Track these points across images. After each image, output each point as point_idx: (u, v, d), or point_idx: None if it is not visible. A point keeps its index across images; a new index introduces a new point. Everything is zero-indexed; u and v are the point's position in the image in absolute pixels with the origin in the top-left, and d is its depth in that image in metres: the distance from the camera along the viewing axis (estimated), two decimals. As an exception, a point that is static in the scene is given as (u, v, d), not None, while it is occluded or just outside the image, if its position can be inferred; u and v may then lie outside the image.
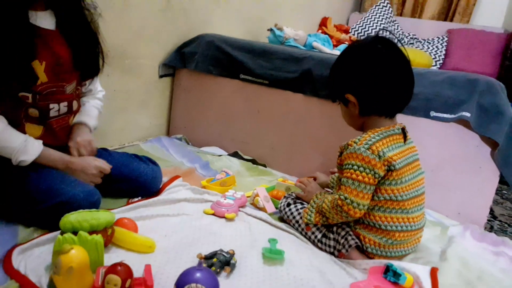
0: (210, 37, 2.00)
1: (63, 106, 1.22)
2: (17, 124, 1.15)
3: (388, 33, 2.24)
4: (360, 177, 1.09)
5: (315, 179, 1.45)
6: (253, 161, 1.92)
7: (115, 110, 1.79)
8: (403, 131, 1.18)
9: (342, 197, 1.11)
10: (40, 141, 1.16)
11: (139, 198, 1.35)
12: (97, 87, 1.43)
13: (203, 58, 1.96)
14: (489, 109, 1.47)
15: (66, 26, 1.18)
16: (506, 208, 2.08)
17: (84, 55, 1.23)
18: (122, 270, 0.80)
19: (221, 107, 2.01)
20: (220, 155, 1.91)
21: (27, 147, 1.11)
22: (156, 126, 2.09)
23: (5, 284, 0.87)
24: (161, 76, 2.01)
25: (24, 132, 1.16)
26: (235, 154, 1.95)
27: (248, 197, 1.47)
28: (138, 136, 1.97)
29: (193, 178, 1.62)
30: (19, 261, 0.93)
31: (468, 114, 1.47)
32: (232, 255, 1.04)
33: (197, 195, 1.42)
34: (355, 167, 1.10)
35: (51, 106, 1.19)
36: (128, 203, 1.29)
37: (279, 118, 1.88)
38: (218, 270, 0.99)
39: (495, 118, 1.46)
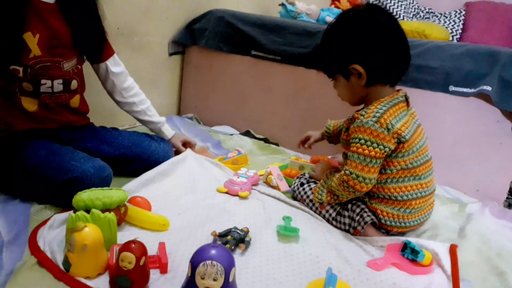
0: (220, 13, 1.95)
1: (58, 84, 1.18)
2: (13, 97, 1.13)
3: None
4: (366, 151, 1.06)
5: (308, 138, 1.45)
6: (265, 140, 1.89)
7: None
8: (406, 98, 1.15)
9: (347, 172, 1.09)
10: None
11: None
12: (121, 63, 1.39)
13: (213, 35, 1.92)
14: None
15: (66, 1, 1.15)
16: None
17: (84, 33, 1.19)
18: (136, 247, 0.78)
19: (232, 85, 1.97)
20: (231, 134, 1.89)
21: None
22: (167, 105, 2.07)
23: (22, 259, 0.87)
24: (171, 54, 1.97)
25: (20, 105, 1.15)
26: (247, 133, 1.93)
27: (261, 175, 1.45)
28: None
29: (206, 156, 1.60)
30: (39, 238, 0.93)
31: (489, 88, 1.42)
32: (246, 232, 1.03)
33: (213, 169, 1.42)
34: (362, 141, 1.07)
35: (43, 81, 1.15)
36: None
37: (292, 95, 1.84)
38: (233, 247, 0.97)
39: (518, 92, 1.41)
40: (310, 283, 0.91)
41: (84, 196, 0.95)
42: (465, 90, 1.48)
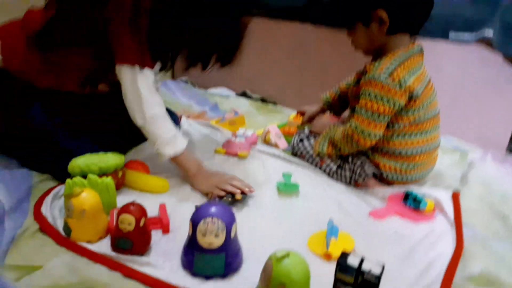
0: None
1: None
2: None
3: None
4: (375, 107, 1.03)
5: (303, 114, 1.40)
6: (263, 100, 1.86)
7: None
8: (422, 50, 1.10)
9: (353, 126, 1.07)
10: (186, 140, 1.06)
11: None
12: None
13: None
14: (514, 25, 1.37)
15: None
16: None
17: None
18: (134, 209, 0.78)
19: (226, 45, 1.91)
20: (227, 96, 1.85)
21: (174, 141, 1.02)
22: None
23: (23, 226, 0.86)
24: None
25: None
26: (243, 94, 1.89)
27: (259, 135, 1.43)
28: (142, 81, 1.91)
29: (204, 120, 1.58)
30: (42, 205, 0.92)
31: (490, 32, 1.37)
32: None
33: (210, 132, 1.40)
34: (372, 95, 1.03)
35: None
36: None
37: (288, 51, 1.79)
38: (230, 199, 0.97)
39: (521, 35, 1.36)
40: (312, 236, 0.91)
41: (79, 161, 0.93)
42: (466, 36, 1.43)
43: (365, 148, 1.10)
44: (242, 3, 1.09)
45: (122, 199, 0.96)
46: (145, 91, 0.98)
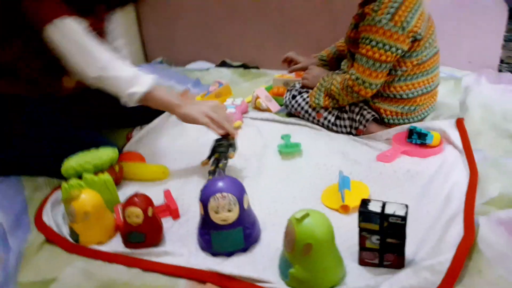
0: None
1: None
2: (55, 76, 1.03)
3: None
4: (377, 55, 0.98)
5: (292, 60, 1.34)
6: (244, 66, 1.80)
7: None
8: None
9: (353, 77, 1.02)
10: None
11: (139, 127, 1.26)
12: None
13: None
14: None
15: None
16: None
17: None
18: (139, 200, 0.74)
19: (195, 15, 1.83)
20: (207, 69, 1.78)
21: (139, 78, 0.93)
22: (131, 55, 1.93)
23: (28, 235, 0.83)
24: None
25: (60, 84, 1.05)
26: (224, 64, 1.83)
27: (248, 102, 1.38)
28: (117, 70, 1.83)
29: (188, 98, 1.52)
30: (43, 215, 0.88)
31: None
32: (227, 136, 0.96)
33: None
34: (373, 42, 0.98)
35: None
36: (127, 138, 1.21)
37: (260, 10, 1.71)
38: (225, 160, 0.94)
39: None
40: (324, 191, 0.89)
41: (72, 162, 0.88)
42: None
43: (365, 98, 1.06)
44: None
45: (123, 193, 0.92)
46: (85, 39, 0.90)
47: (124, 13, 1.83)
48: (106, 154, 0.92)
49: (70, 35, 0.90)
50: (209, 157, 0.98)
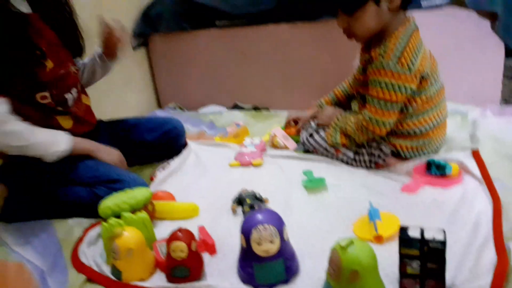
0: (173, -8, 1.86)
1: (75, 92, 1.18)
2: (50, 121, 1.12)
3: None
4: (387, 96, 1.04)
5: (296, 122, 1.40)
6: (255, 108, 1.86)
7: (101, 94, 1.69)
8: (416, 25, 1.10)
9: (367, 117, 1.08)
10: (66, 132, 1.11)
11: (168, 162, 1.34)
12: None
13: (172, 16, 1.84)
14: (480, -19, 1.42)
15: (43, 9, 1.10)
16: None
17: (67, 34, 1.16)
18: (183, 235, 0.76)
19: (205, 61, 1.91)
20: (220, 112, 1.85)
21: (56, 138, 1.07)
22: (145, 101, 2.00)
23: (69, 281, 0.84)
24: (134, 48, 1.89)
25: (59, 124, 1.14)
26: (235, 106, 1.89)
27: (266, 141, 1.43)
28: (130, 115, 1.88)
29: (204, 140, 1.56)
30: (80, 256, 0.90)
31: (460, -7, 1.42)
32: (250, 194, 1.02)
33: (218, 150, 1.40)
34: (383, 84, 1.04)
35: (67, 96, 1.14)
36: (151, 178, 1.24)
37: (268, 56, 1.80)
38: (256, 206, 0.97)
39: (488, -11, 1.41)
40: (356, 223, 0.91)
41: (109, 203, 0.91)
42: (437, 1, 1.48)
43: (381, 136, 1.11)
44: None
45: (157, 231, 0.94)
46: (4, 115, 0.99)
47: (137, 61, 1.92)
48: (141, 194, 0.95)
49: None
50: (237, 203, 1.01)
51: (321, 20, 1.63)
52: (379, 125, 1.07)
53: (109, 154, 1.17)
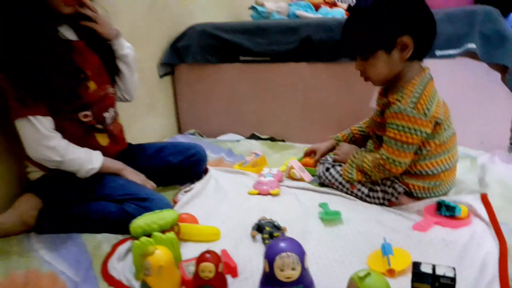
0: (201, 27, 1.99)
1: (112, 111, 1.30)
2: (89, 138, 1.24)
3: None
4: (404, 138, 1.11)
5: (314, 151, 1.49)
6: (272, 139, 1.94)
7: (127, 118, 1.78)
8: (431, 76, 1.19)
9: (384, 157, 1.15)
10: (98, 151, 1.22)
11: (189, 185, 1.43)
12: None
13: (199, 49, 1.96)
14: (492, 36, 1.52)
15: (87, 36, 1.23)
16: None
17: (108, 58, 1.30)
18: (212, 256, 0.83)
19: (227, 93, 2.02)
20: (238, 140, 1.93)
21: (90, 156, 1.19)
22: (167, 126, 2.09)
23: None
24: (161, 76, 2.00)
25: (97, 141, 1.26)
26: (252, 136, 1.98)
27: (282, 171, 1.50)
28: (152, 139, 1.96)
29: (223, 166, 1.64)
30: (111, 270, 0.96)
31: (473, 46, 1.52)
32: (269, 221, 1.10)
33: (237, 177, 1.47)
34: (400, 127, 1.11)
35: (105, 115, 1.26)
36: (174, 201, 1.31)
37: (287, 91, 1.90)
38: (274, 234, 1.04)
39: (500, 44, 1.51)
40: (369, 256, 0.97)
41: (140, 222, 0.98)
42: (451, 51, 1.57)
43: (397, 175, 1.18)
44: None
45: (182, 252, 1.00)
46: (46, 132, 1.10)
47: (162, 88, 2.03)
48: (169, 215, 1.02)
49: (35, 129, 1.10)
50: (257, 230, 1.08)
51: (339, 62, 1.74)
52: (395, 165, 1.14)
53: (137, 175, 1.28)
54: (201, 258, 0.83)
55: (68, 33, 1.20)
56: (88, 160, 1.17)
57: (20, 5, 1.06)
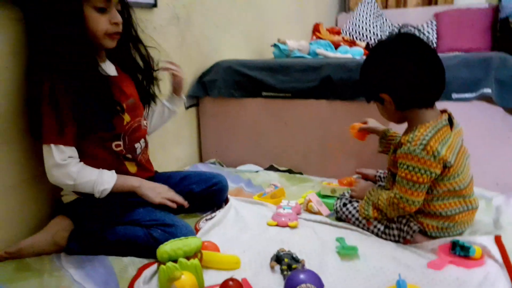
0: (227, 63, 2.10)
1: (142, 142, 1.39)
2: (119, 165, 1.31)
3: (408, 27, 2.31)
4: (415, 178, 1.16)
5: (365, 123, 1.58)
6: (289, 171, 2.00)
7: (154, 146, 1.88)
8: (450, 120, 1.25)
9: (397, 196, 1.20)
10: (113, 171, 1.27)
11: (210, 214, 1.50)
12: None
13: (224, 84, 2.06)
14: (507, 81, 1.58)
15: (129, 71, 1.37)
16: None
17: (146, 93, 1.42)
18: (234, 284, 0.88)
19: (249, 125, 2.10)
20: (257, 171, 1.99)
21: (102, 178, 1.22)
22: (189, 155, 2.18)
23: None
24: (187, 108, 2.11)
25: (127, 168, 1.33)
26: (271, 168, 2.04)
27: (300, 204, 1.55)
28: (175, 167, 2.05)
29: (243, 196, 1.70)
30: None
31: (489, 90, 1.57)
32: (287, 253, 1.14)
33: (256, 208, 1.53)
34: (410, 168, 1.17)
35: (136, 145, 1.35)
36: (197, 230, 1.37)
37: (307, 126, 1.97)
38: (293, 266, 1.07)
39: (515, 89, 1.56)
40: (384, 292, 1.00)
41: (166, 248, 1.04)
42: (467, 95, 1.63)
43: (410, 212, 1.23)
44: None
45: (204, 278, 1.05)
46: (59, 161, 1.16)
47: (187, 119, 2.13)
48: (194, 242, 1.08)
49: (47, 159, 1.18)
50: (276, 261, 1.13)
51: (357, 101, 1.81)
52: (408, 204, 1.19)
53: (153, 190, 1.30)
54: (224, 285, 0.88)
55: (110, 68, 1.32)
56: (100, 182, 1.21)
57: (66, 41, 1.15)
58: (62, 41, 1.14)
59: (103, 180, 1.22)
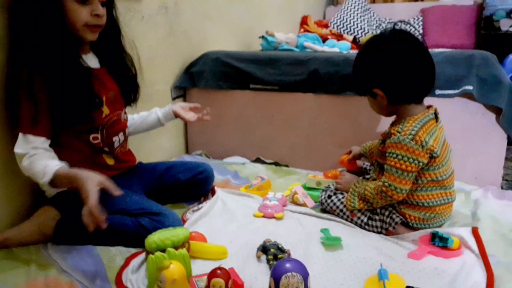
0: (215, 54, 2.10)
1: (121, 136, 1.39)
2: (96, 157, 1.32)
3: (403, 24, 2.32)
4: (403, 166, 1.21)
5: (350, 152, 1.62)
6: (276, 164, 2.03)
7: (139, 137, 1.88)
8: (436, 115, 1.30)
9: (386, 184, 1.24)
10: (62, 162, 1.18)
11: (197, 205, 1.51)
12: None
13: (211, 75, 2.07)
14: (488, 79, 1.63)
15: (110, 65, 1.36)
16: (509, 168, 2.22)
17: (127, 87, 1.42)
18: (222, 273, 0.90)
19: (236, 118, 2.11)
20: (243, 163, 2.01)
21: (45, 170, 1.14)
22: (176, 146, 2.18)
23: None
24: (174, 99, 2.11)
25: (104, 161, 1.34)
26: (258, 160, 2.06)
27: (286, 196, 1.58)
28: (162, 158, 2.06)
29: (230, 188, 1.72)
30: (125, 281, 1.03)
31: (470, 87, 1.62)
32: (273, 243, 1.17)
33: (243, 199, 1.55)
34: (399, 156, 1.21)
35: (114, 139, 1.35)
36: (184, 221, 1.38)
37: (293, 119, 2.00)
38: (279, 256, 1.11)
39: (495, 87, 1.61)
40: (366, 281, 1.04)
41: (155, 238, 1.06)
42: (449, 92, 1.68)
43: (397, 201, 1.26)
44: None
45: (192, 268, 1.07)
46: (18, 150, 1.16)
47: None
48: (182, 232, 1.09)
49: (16, 149, 1.16)
50: (262, 251, 1.16)
51: (344, 95, 1.84)
52: (397, 191, 1.22)
53: (89, 177, 1.14)
54: (212, 274, 0.90)
55: (92, 61, 1.31)
56: (43, 173, 1.14)
57: (44, 32, 1.14)
58: (40, 31, 1.14)
59: (45, 172, 1.15)
